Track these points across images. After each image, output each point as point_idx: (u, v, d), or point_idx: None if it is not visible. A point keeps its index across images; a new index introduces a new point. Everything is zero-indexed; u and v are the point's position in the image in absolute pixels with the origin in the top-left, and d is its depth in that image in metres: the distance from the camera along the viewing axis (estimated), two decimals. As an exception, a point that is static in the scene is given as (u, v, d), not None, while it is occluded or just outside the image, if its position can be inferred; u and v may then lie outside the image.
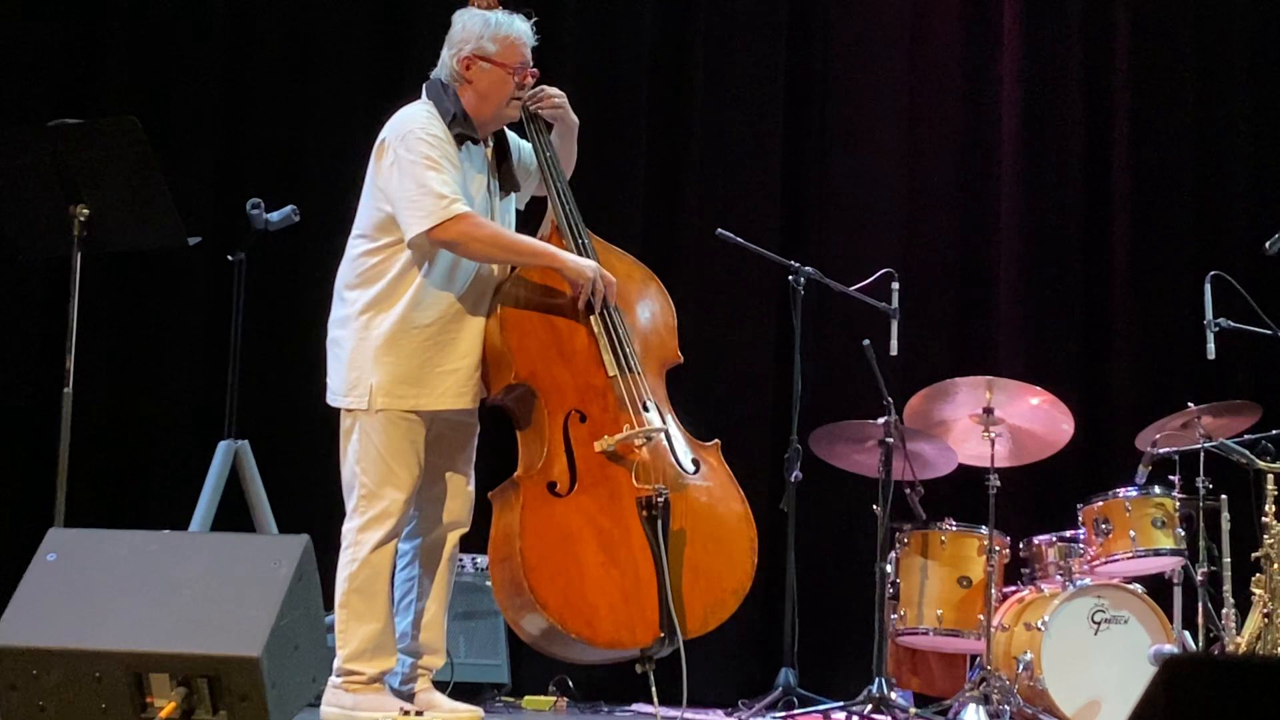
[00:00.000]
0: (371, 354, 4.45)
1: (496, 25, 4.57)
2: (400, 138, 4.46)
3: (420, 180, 4.38)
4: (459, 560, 4.82)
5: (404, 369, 4.45)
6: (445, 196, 4.38)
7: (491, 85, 4.55)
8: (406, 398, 4.45)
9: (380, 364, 4.44)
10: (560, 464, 4.43)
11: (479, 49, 4.55)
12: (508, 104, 4.58)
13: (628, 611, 4.35)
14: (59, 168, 4.92)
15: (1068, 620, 5.57)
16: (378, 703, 4.41)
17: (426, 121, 4.48)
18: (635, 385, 4.55)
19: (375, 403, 4.43)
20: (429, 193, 4.38)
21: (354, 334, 4.49)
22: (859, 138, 7.15)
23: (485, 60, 4.54)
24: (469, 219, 4.40)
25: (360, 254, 4.53)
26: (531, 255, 4.53)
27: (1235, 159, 7.17)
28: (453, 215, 4.37)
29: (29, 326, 6.36)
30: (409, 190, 4.39)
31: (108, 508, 6.01)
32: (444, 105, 4.53)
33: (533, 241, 4.58)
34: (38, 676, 3.56)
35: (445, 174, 4.41)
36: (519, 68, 4.57)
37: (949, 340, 7.04)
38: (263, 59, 6.74)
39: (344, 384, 4.50)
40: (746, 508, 4.61)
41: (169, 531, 4.06)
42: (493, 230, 4.50)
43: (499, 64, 4.55)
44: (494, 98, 4.56)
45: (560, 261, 4.51)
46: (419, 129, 4.46)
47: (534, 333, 4.52)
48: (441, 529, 4.63)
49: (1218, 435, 5.59)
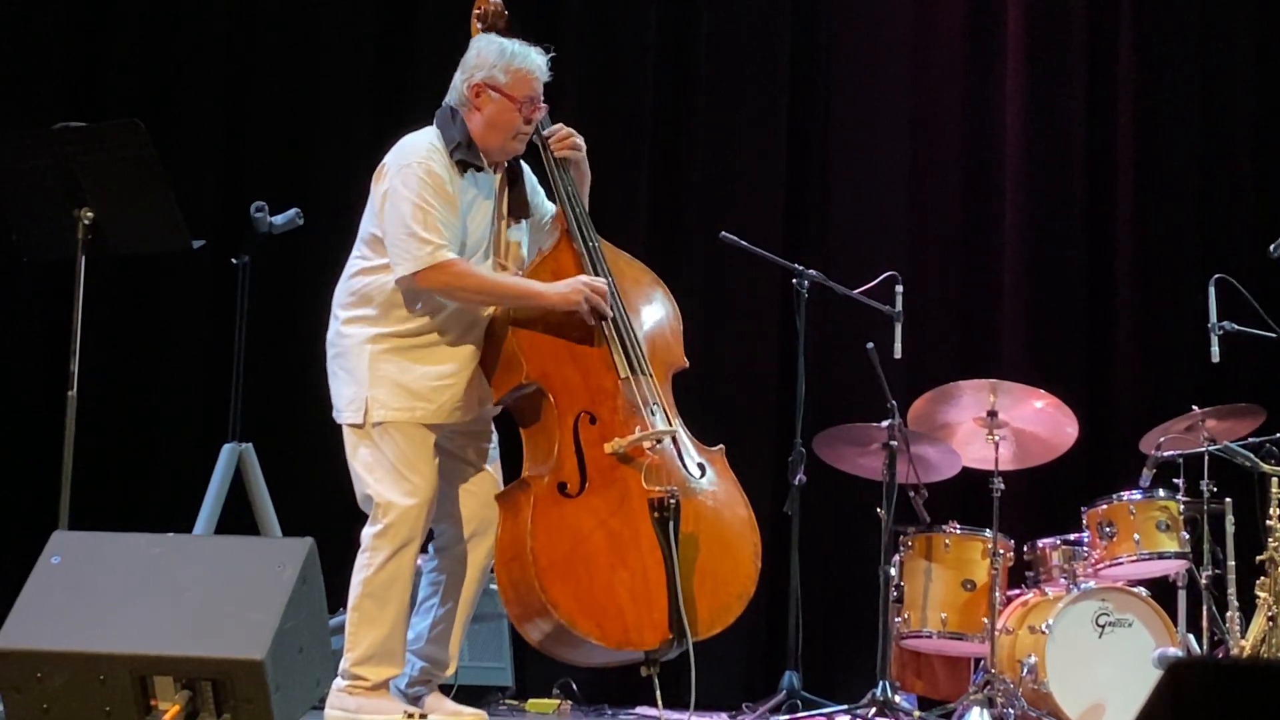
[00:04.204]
0: (367, 369, 4.46)
1: (511, 56, 4.55)
2: (399, 169, 4.46)
3: (408, 224, 4.39)
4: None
5: (403, 382, 4.45)
6: (430, 243, 4.38)
7: (498, 115, 4.53)
8: (403, 410, 4.45)
9: (376, 378, 4.45)
10: (570, 465, 4.43)
11: (490, 78, 4.53)
12: (514, 137, 4.57)
13: (637, 613, 4.36)
14: (64, 171, 4.93)
15: (1072, 623, 5.56)
16: (382, 706, 4.41)
17: (427, 155, 4.47)
18: (645, 388, 4.55)
19: (373, 416, 4.44)
20: (415, 238, 4.38)
21: (348, 350, 4.51)
22: (863, 141, 7.16)
23: (495, 90, 4.53)
24: (453, 269, 4.40)
25: (355, 273, 4.55)
26: (517, 298, 4.52)
27: (1240, 162, 7.18)
28: (436, 264, 4.37)
29: (33, 329, 6.37)
30: (398, 231, 4.41)
31: (112, 511, 6.01)
32: (450, 133, 4.52)
33: (516, 283, 4.55)
34: (42, 679, 3.57)
35: (436, 216, 4.40)
36: (527, 102, 4.54)
37: (953, 343, 7.04)
38: (267, 62, 6.74)
39: (344, 400, 4.52)
40: (750, 513, 4.62)
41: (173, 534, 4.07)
42: (477, 279, 4.48)
43: (507, 95, 4.53)
44: (500, 128, 4.54)
45: (545, 299, 4.50)
46: (417, 164, 4.44)
47: (544, 334, 4.52)
48: (469, 538, 4.62)
49: (1222, 438, 5.59)
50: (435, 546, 4.66)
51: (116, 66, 6.59)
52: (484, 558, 4.63)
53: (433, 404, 4.47)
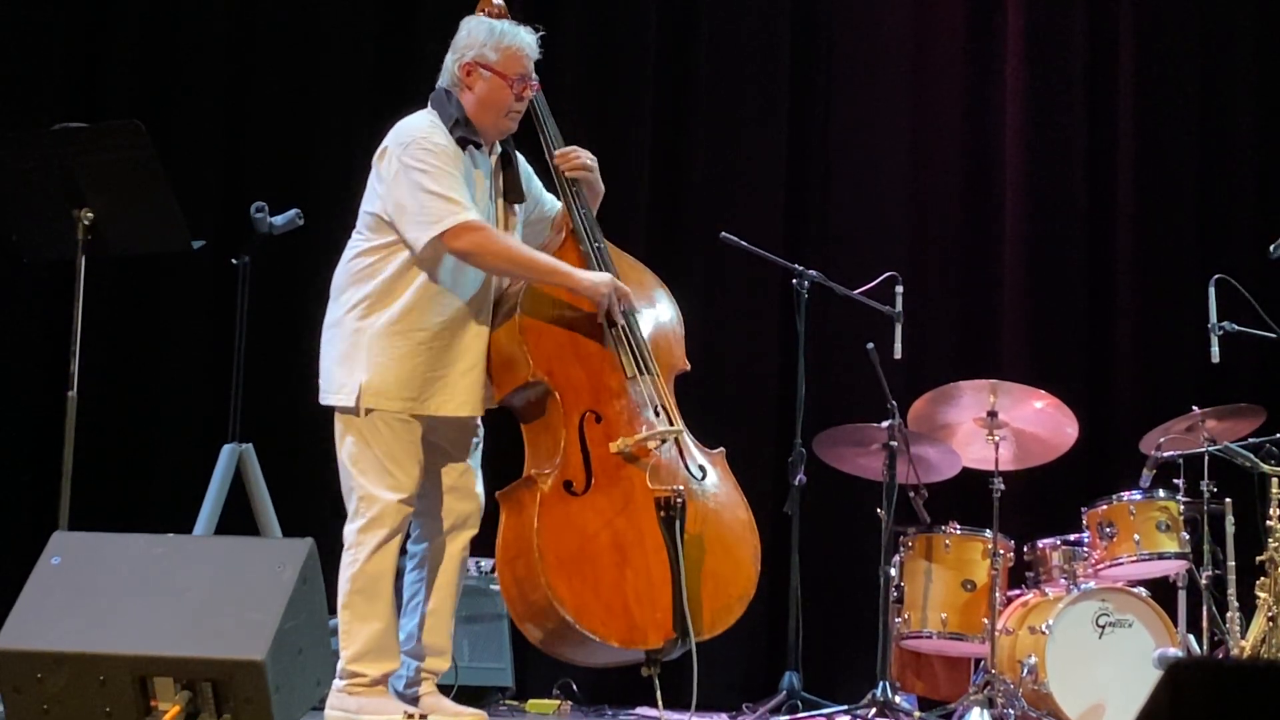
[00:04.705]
0: (363, 354, 4.44)
1: (500, 35, 4.57)
2: (403, 146, 4.45)
3: (426, 186, 4.37)
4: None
5: (397, 372, 4.44)
6: (456, 201, 4.37)
7: (490, 93, 4.54)
8: (396, 400, 4.44)
9: (372, 365, 4.43)
10: (576, 463, 4.43)
11: (480, 56, 4.55)
12: (506, 114, 4.58)
13: (641, 612, 4.37)
14: (64, 171, 4.93)
15: (1072, 624, 5.56)
16: (382, 706, 4.41)
17: (430, 130, 4.48)
18: (651, 388, 4.56)
19: (364, 403, 4.42)
20: (437, 197, 4.36)
21: (345, 333, 4.49)
22: (863, 141, 7.15)
23: (486, 68, 4.54)
24: (484, 230, 4.40)
25: (355, 255, 4.54)
26: (547, 273, 4.51)
27: (1240, 162, 7.17)
28: (463, 221, 4.36)
29: (33, 330, 6.37)
30: (416, 196, 4.38)
31: (112, 511, 6.00)
32: (446, 111, 4.53)
33: (548, 259, 4.56)
34: (42, 680, 3.57)
35: (452, 180, 4.41)
36: (518, 79, 4.56)
37: (953, 343, 7.04)
38: (267, 62, 6.75)
39: (332, 382, 4.50)
40: (750, 516, 4.63)
41: (173, 535, 4.07)
42: (507, 244, 4.49)
43: (499, 73, 4.54)
44: (492, 106, 4.55)
45: (575, 281, 4.50)
46: (422, 138, 4.45)
47: (550, 332, 4.52)
48: (447, 532, 4.62)
49: (1222, 439, 5.59)
50: (413, 542, 4.64)
51: (116, 67, 6.59)
52: (462, 550, 4.63)
53: (433, 398, 4.46)
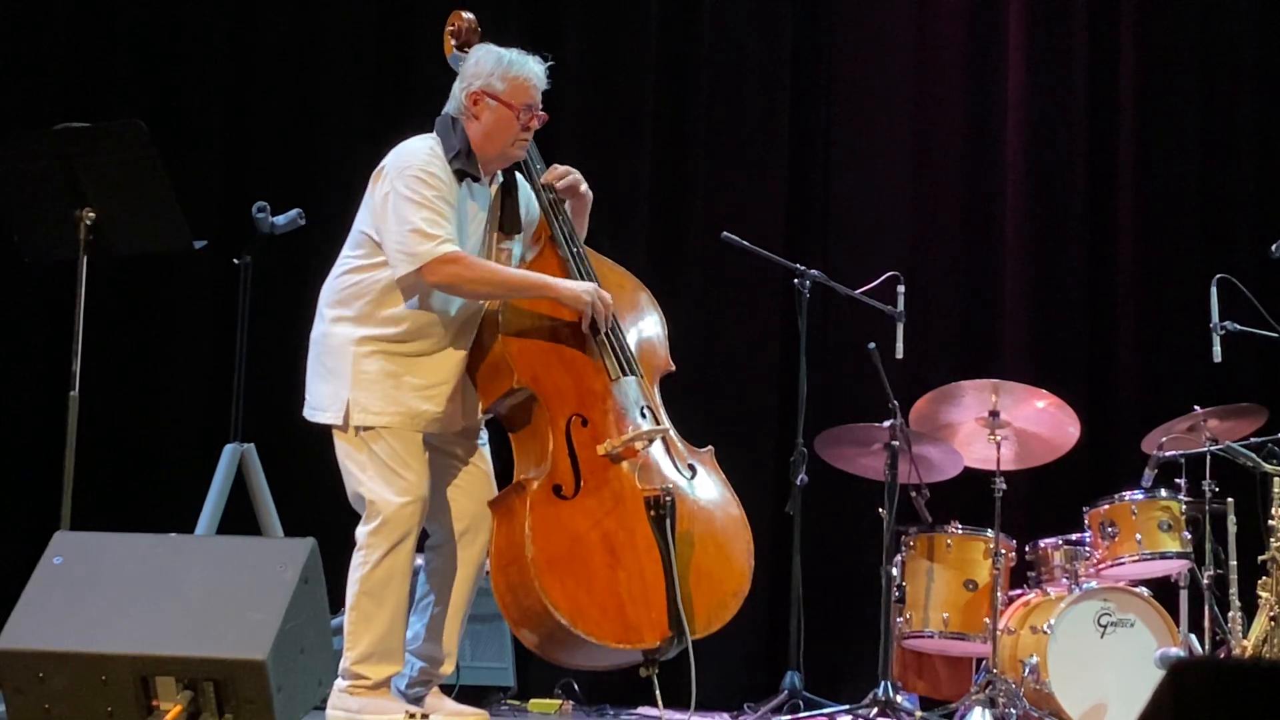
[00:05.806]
0: (350, 370, 4.45)
1: (509, 65, 4.56)
2: (398, 171, 4.46)
3: (410, 219, 4.38)
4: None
5: (385, 388, 4.44)
6: (434, 236, 4.37)
7: (496, 123, 4.53)
8: (385, 415, 4.44)
9: (360, 380, 4.44)
10: (564, 467, 4.43)
11: (488, 85, 4.54)
12: (513, 144, 4.57)
13: (636, 612, 4.37)
14: (65, 171, 4.93)
15: (1073, 623, 5.56)
16: (383, 706, 4.41)
17: (427, 160, 4.47)
18: (636, 389, 4.57)
19: (354, 419, 4.43)
20: (418, 233, 4.37)
21: (334, 349, 4.50)
22: (864, 141, 7.15)
23: (493, 98, 4.53)
24: (459, 261, 4.40)
25: (343, 272, 4.55)
26: (528, 288, 4.53)
27: (1241, 162, 7.17)
28: (439, 256, 4.36)
29: (35, 330, 6.37)
30: (400, 229, 4.39)
31: (113, 511, 6.01)
32: (450, 141, 4.52)
33: (526, 275, 4.57)
34: (44, 679, 3.57)
35: (437, 214, 4.40)
36: (525, 110, 4.54)
37: (955, 343, 7.04)
38: (268, 62, 6.75)
39: (323, 398, 4.51)
40: (742, 512, 4.63)
41: (175, 535, 4.08)
42: (484, 269, 4.49)
43: (505, 103, 4.53)
44: (498, 136, 4.54)
45: (557, 291, 4.51)
46: (418, 166, 4.45)
47: (533, 340, 4.53)
48: (460, 535, 4.62)
49: (1224, 438, 5.59)
50: (428, 545, 4.65)
51: (118, 67, 6.59)
52: (478, 554, 4.62)
53: (417, 414, 4.47)
